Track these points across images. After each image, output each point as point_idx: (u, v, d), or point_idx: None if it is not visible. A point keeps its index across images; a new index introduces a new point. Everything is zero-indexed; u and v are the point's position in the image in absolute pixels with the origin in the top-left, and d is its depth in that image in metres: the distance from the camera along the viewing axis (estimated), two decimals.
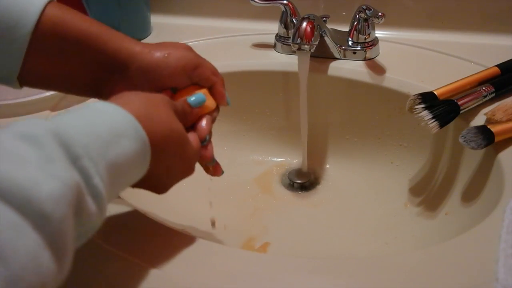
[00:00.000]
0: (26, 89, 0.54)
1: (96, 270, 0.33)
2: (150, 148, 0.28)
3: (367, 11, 0.56)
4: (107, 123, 0.26)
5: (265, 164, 0.63)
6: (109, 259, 0.34)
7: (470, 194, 0.46)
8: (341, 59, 0.61)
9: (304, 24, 0.52)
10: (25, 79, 0.34)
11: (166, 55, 0.36)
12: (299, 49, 0.52)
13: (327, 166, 0.63)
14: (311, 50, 0.53)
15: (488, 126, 0.43)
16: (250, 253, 0.34)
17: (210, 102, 0.38)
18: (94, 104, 0.28)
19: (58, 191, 0.21)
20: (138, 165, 0.28)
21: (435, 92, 0.49)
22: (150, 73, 0.35)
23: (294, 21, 0.61)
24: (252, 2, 0.59)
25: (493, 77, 0.51)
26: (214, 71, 0.39)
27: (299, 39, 0.52)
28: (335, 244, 0.51)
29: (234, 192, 0.59)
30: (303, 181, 0.60)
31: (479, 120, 0.48)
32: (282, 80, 0.62)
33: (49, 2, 0.33)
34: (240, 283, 0.32)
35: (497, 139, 0.43)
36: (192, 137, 0.35)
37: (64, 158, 0.22)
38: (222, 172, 0.41)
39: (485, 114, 0.47)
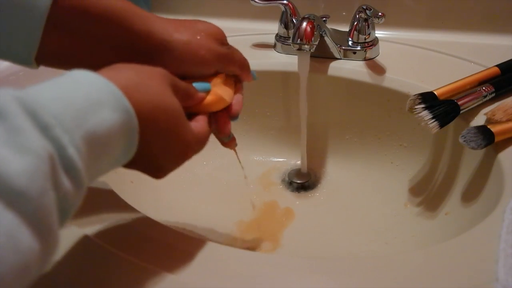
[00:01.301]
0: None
1: (105, 275, 0.33)
2: (137, 120, 0.26)
3: (367, 11, 0.56)
4: (84, 91, 0.24)
5: (265, 164, 0.63)
6: (115, 262, 0.34)
7: (470, 194, 0.46)
8: (341, 59, 0.61)
9: (304, 24, 0.52)
10: (43, 58, 0.32)
11: (202, 51, 0.34)
12: (299, 49, 0.52)
13: (327, 166, 0.63)
14: (311, 50, 0.53)
15: (488, 126, 0.43)
16: (250, 253, 0.34)
17: (225, 94, 0.36)
18: (72, 72, 0.25)
19: (31, 164, 0.19)
20: (124, 138, 0.25)
21: (435, 92, 0.49)
22: (181, 65, 0.34)
23: (294, 21, 0.61)
24: (252, 2, 0.59)
25: (493, 77, 0.51)
26: (244, 64, 0.39)
27: (299, 39, 0.52)
28: (335, 244, 0.51)
29: (233, 192, 0.59)
30: (303, 181, 0.60)
31: (479, 120, 0.48)
32: (282, 80, 0.62)
33: None
34: (239, 282, 0.32)
35: (497, 139, 0.43)
36: (199, 123, 0.33)
37: (33, 128, 0.20)
38: (236, 145, 0.40)
39: (485, 114, 0.47)
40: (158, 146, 0.29)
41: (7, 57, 0.32)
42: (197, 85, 0.34)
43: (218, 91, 0.36)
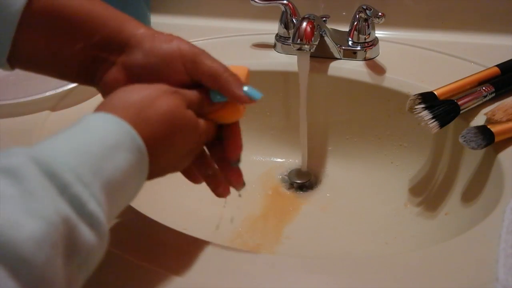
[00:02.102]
0: (26, 89, 0.54)
1: (105, 275, 0.33)
2: (147, 156, 0.26)
3: (367, 11, 0.56)
4: (99, 137, 0.24)
5: (265, 164, 0.63)
6: (115, 262, 0.34)
7: (470, 194, 0.46)
8: (341, 59, 0.61)
9: (304, 24, 0.52)
10: (16, 60, 0.32)
11: (165, 41, 0.32)
12: (299, 49, 0.52)
13: (327, 166, 0.63)
14: (311, 50, 0.53)
15: (488, 126, 0.43)
16: (249, 253, 0.34)
17: (232, 110, 0.34)
18: (84, 118, 0.25)
19: (40, 231, 0.18)
20: (136, 175, 0.26)
21: (435, 92, 0.49)
22: (146, 59, 0.32)
23: (294, 21, 0.61)
24: (252, 2, 0.59)
25: (493, 77, 0.51)
26: (213, 73, 0.32)
27: (299, 39, 0.52)
28: (335, 244, 0.51)
29: (233, 192, 0.59)
30: (303, 181, 0.60)
31: (479, 120, 0.48)
32: (282, 80, 0.62)
33: None
34: (239, 282, 0.32)
35: (497, 139, 0.43)
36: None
37: (49, 190, 0.20)
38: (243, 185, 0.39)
39: (485, 114, 0.47)
40: (170, 158, 0.30)
41: None
42: (213, 94, 0.33)
43: (234, 104, 0.34)
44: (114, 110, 0.26)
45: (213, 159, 0.36)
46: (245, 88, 0.33)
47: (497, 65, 0.52)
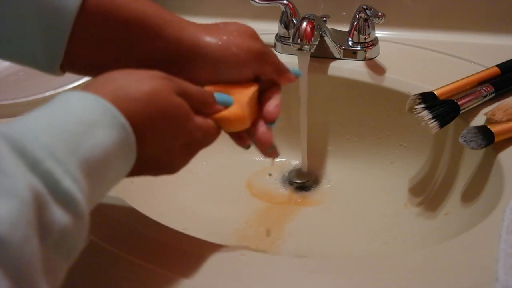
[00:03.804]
0: (26, 89, 0.54)
1: (105, 275, 0.33)
2: (133, 133, 0.25)
3: (367, 11, 0.56)
4: (76, 114, 0.23)
5: (265, 164, 0.63)
6: (115, 262, 0.34)
7: (470, 194, 0.46)
8: (341, 59, 0.61)
9: (304, 24, 0.52)
10: (69, 65, 0.30)
11: (234, 49, 0.32)
12: (299, 49, 0.52)
13: (327, 166, 0.63)
14: (311, 50, 0.53)
15: (488, 126, 0.43)
16: (249, 253, 0.34)
17: (239, 113, 0.32)
18: (61, 95, 0.24)
19: (13, 210, 0.17)
20: (122, 155, 0.24)
21: (435, 92, 0.49)
22: (216, 69, 0.32)
23: (294, 21, 0.61)
24: (252, 2, 0.59)
25: (493, 77, 0.51)
26: (279, 68, 0.35)
27: (299, 39, 0.52)
28: (335, 244, 0.51)
29: (233, 192, 0.59)
30: (303, 181, 0.60)
31: (479, 120, 0.48)
32: None
33: None
34: (239, 282, 0.32)
35: (497, 139, 0.43)
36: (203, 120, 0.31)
37: (20, 166, 0.19)
38: (277, 155, 0.38)
39: (485, 114, 0.47)
40: (163, 148, 0.28)
41: (30, 64, 0.30)
42: (218, 95, 0.32)
43: (238, 110, 0.32)
44: (95, 89, 0.25)
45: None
46: (291, 70, 0.38)
47: (497, 65, 0.52)
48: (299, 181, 0.60)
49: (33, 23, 0.28)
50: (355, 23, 0.59)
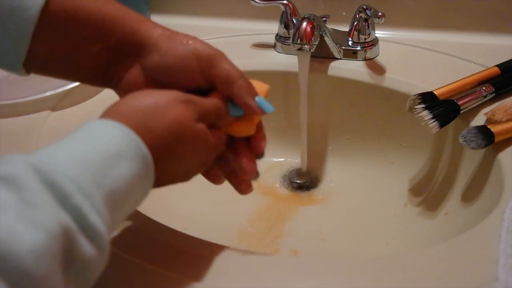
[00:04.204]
0: (26, 89, 0.54)
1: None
2: (153, 164, 0.26)
3: (367, 11, 0.56)
4: (101, 146, 0.23)
5: (265, 164, 0.63)
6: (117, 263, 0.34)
7: (470, 194, 0.46)
8: (341, 59, 0.61)
9: (304, 24, 0.52)
10: (32, 64, 0.31)
11: (183, 42, 0.31)
12: (299, 49, 0.52)
13: (327, 166, 0.63)
14: (311, 50, 0.53)
15: (488, 126, 0.43)
16: (249, 253, 0.34)
17: (249, 123, 0.34)
18: (86, 125, 0.25)
19: (40, 243, 0.18)
20: (141, 185, 0.25)
21: (435, 92, 0.49)
22: (162, 60, 0.31)
23: (294, 21, 0.61)
24: (252, 2, 0.59)
25: (493, 77, 0.51)
26: (227, 79, 0.32)
27: (299, 39, 0.52)
28: (335, 244, 0.51)
29: (233, 192, 0.59)
30: (303, 181, 0.60)
31: (479, 120, 0.48)
32: (282, 80, 0.62)
33: None
34: (239, 283, 0.32)
35: (497, 139, 0.43)
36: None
37: (50, 200, 0.19)
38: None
39: (485, 114, 0.47)
40: (177, 171, 0.30)
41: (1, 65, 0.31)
42: (231, 107, 0.33)
43: (246, 119, 0.34)
44: (119, 116, 0.26)
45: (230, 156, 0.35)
46: (257, 99, 0.33)
47: (497, 65, 0.52)
48: (299, 181, 0.60)
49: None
50: (355, 23, 0.59)
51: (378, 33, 0.62)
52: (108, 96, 0.36)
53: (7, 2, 0.28)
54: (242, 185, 0.36)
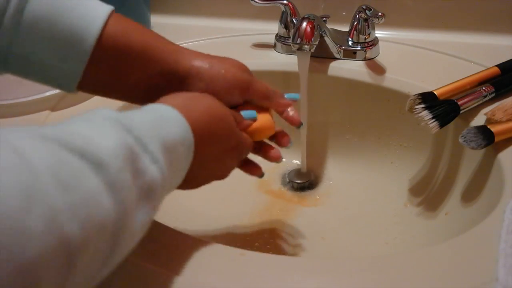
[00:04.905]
0: (26, 89, 0.54)
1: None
2: (192, 134, 0.31)
3: (367, 11, 0.56)
4: (157, 113, 0.29)
5: (265, 164, 0.63)
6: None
7: (470, 194, 0.46)
8: (341, 59, 0.61)
9: (304, 24, 0.52)
10: (84, 87, 0.36)
11: (223, 71, 0.38)
12: (299, 49, 0.52)
13: (327, 166, 0.63)
14: (311, 50, 0.53)
15: (488, 126, 0.43)
16: (249, 253, 0.34)
17: (266, 123, 0.40)
18: (149, 105, 0.31)
19: (113, 147, 0.23)
20: (184, 149, 0.30)
21: (435, 92, 0.49)
22: (207, 87, 0.38)
23: (294, 21, 0.61)
24: (252, 2, 0.59)
25: (493, 77, 0.51)
26: (266, 95, 0.40)
27: (299, 39, 0.52)
28: (335, 244, 0.51)
29: (233, 192, 0.59)
30: (303, 181, 0.60)
31: (479, 120, 0.48)
32: (282, 80, 0.62)
33: (110, 15, 0.34)
34: (239, 282, 0.32)
35: (497, 139, 0.43)
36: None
37: (118, 128, 0.25)
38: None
39: (485, 114, 0.47)
40: (212, 152, 0.34)
41: (53, 85, 0.36)
42: (243, 112, 0.39)
43: (262, 120, 0.40)
44: (170, 102, 0.31)
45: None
46: (286, 95, 0.43)
47: (497, 65, 0.52)
48: (299, 181, 0.60)
49: (60, 55, 0.34)
50: (355, 23, 0.59)
51: (378, 33, 0.62)
52: None
53: (67, 36, 0.33)
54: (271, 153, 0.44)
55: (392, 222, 0.53)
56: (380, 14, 0.53)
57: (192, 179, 0.33)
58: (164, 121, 0.29)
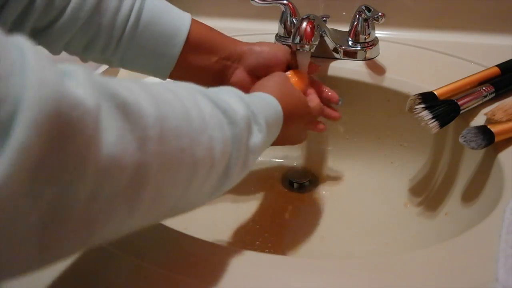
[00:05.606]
0: None
1: (105, 275, 0.33)
2: (282, 114, 0.40)
3: (367, 11, 0.56)
4: (262, 99, 0.39)
5: (265, 164, 0.63)
6: (117, 263, 0.34)
7: (470, 194, 0.46)
8: (341, 59, 0.61)
9: (304, 24, 0.52)
10: (173, 73, 0.48)
11: (267, 47, 0.51)
12: (299, 49, 0.52)
13: (327, 166, 0.63)
14: (311, 50, 0.53)
15: (488, 126, 0.43)
16: (250, 253, 0.34)
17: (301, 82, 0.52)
18: (256, 93, 0.41)
19: (243, 112, 0.32)
20: (277, 124, 0.39)
21: (435, 92, 0.49)
22: (258, 59, 0.50)
23: (294, 21, 0.61)
24: (252, 2, 0.59)
25: (493, 77, 0.51)
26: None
27: (299, 39, 0.52)
28: (335, 244, 0.51)
29: (233, 192, 0.59)
30: (303, 181, 0.60)
31: (479, 120, 0.48)
32: None
33: (192, 21, 0.48)
34: (240, 282, 0.32)
35: (497, 139, 0.43)
36: (312, 98, 0.51)
37: (242, 103, 0.34)
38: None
39: (485, 114, 0.47)
40: (294, 126, 0.44)
41: (153, 75, 0.49)
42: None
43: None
44: (264, 89, 0.42)
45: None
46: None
47: (497, 65, 0.52)
48: (298, 181, 0.60)
49: (158, 56, 0.47)
50: (355, 23, 0.59)
51: (378, 33, 0.62)
52: None
53: (165, 34, 0.46)
54: (332, 114, 0.55)
55: (392, 222, 0.53)
56: (380, 14, 0.53)
57: (279, 142, 0.43)
58: (267, 105, 0.38)
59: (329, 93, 0.55)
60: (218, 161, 0.30)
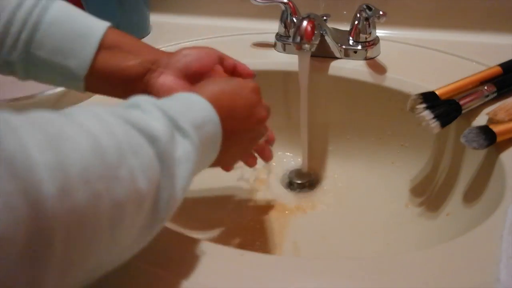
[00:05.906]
0: (25, 89, 0.54)
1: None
2: (217, 114, 0.35)
3: (368, 10, 0.55)
4: (184, 100, 0.34)
5: (265, 164, 0.63)
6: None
7: (472, 195, 0.45)
8: (341, 58, 0.61)
9: (305, 23, 0.52)
10: (89, 78, 0.42)
11: (196, 48, 0.46)
12: (299, 48, 0.52)
13: (328, 166, 0.63)
14: (312, 50, 0.53)
15: (490, 126, 0.43)
16: (250, 253, 0.34)
17: None
18: (179, 93, 0.36)
19: (161, 127, 0.28)
20: (211, 126, 0.34)
21: (436, 92, 0.49)
22: (187, 59, 0.46)
23: (295, 20, 0.61)
24: (253, 1, 0.59)
25: (495, 76, 0.51)
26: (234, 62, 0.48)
27: (299, 38, 0.52)
28: (336, 244, 0.51)
29: (233, 192, 0.59)
30: (303, 181, 0.60)
31: (480, 120, 0.47)
32: (283, 79, 0.62)
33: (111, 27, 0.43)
34: (240, 283, 0.31)
35: (499, 139, 0.43)
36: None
37: (157, 111, 0.30)
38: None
39: (487, 114, 0.46)
40: (234, 131, 0.38)
41: (68, 82, 0.43)
42: None
43: None
44: (195, 90, 0.37)
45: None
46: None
47: (499, 65, 0.52)
48: (299, 181, 0.60)
49: (67, 57, 0.41)
50: (356, 22, 0.59)
51: (379, 32, 0.62)
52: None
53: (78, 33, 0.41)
54: (265, 153, 0.51)
55: (393, 223, 0.52)
56: (381, 13, 0.53)
57: (224, 154, 0.37)
58: (191, 104, 0.34)
59: (243, 68, 0.49)
60: (148, 192, 0.26)
